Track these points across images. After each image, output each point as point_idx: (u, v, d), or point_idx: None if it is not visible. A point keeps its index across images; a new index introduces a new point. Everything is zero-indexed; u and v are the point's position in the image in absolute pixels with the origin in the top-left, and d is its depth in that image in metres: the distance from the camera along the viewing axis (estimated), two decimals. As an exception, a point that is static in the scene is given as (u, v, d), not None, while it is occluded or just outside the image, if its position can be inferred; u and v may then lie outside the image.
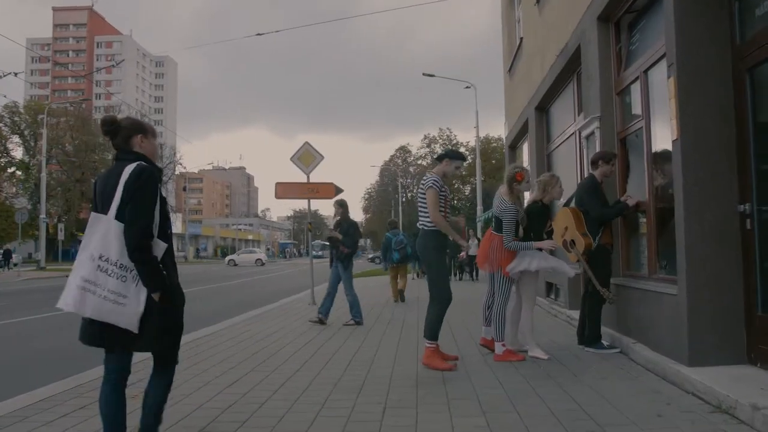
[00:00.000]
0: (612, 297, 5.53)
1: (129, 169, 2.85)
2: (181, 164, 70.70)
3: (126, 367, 3.01)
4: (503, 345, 5.56)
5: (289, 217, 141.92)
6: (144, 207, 2.81)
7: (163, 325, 2.89)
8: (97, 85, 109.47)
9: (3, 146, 59.42)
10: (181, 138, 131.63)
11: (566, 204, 6.20)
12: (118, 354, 2.96)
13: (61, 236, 47.68)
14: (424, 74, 31.98)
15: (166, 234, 2.96)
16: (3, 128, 59.00)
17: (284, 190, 12.24)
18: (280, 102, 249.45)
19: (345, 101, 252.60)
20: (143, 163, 2.92)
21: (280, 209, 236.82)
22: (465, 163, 6.53)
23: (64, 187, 59.50)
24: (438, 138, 66.74)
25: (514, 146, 14.33)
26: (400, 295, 12.45)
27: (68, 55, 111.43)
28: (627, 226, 6.13)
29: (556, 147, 9.78)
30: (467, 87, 31.66)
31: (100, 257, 2.80)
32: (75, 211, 60.27)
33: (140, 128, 3.06)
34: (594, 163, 5.84)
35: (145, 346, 2.91)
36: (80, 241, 2.90)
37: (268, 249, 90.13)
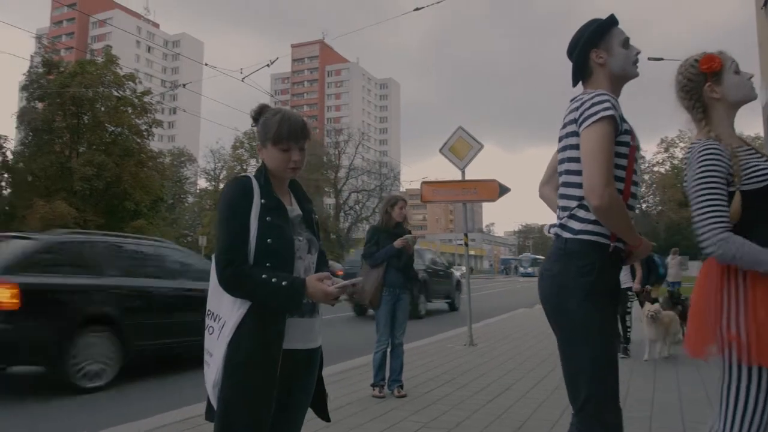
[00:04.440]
0: None
1: None
2: (398, 182, 71.86)
3: None
4: None
5: (515, 232, 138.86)
6: (219, 226, 2.05)
7: (226, 394, 1.95)
8: (328, 111, 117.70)
9: (243, 169, 65.68)
10: (404, 165, 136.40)
11: None
12: None
13: (286, 252, 50.67)
14: (649, 59, 26.89)
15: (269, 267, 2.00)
16: (243, 153, 65.19)
17: (432, 192, 9.36)
18: (505, 116, 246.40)
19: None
20: (239, 176, 2.16)
21: (506, 224, 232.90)
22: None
23: (291, 205, 63.92)
24: (678, 141, 57.56)
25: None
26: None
27: (303, 86, 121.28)
28: None
29: None
30: (708, 69, 25.89)
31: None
32: (299, 228, 64.23)
33: (262, 135, 2.17)
34: None
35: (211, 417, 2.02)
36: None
37: (490, 264, 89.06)
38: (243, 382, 1.95)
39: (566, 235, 2.09)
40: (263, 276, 1.97)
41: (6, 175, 37.75)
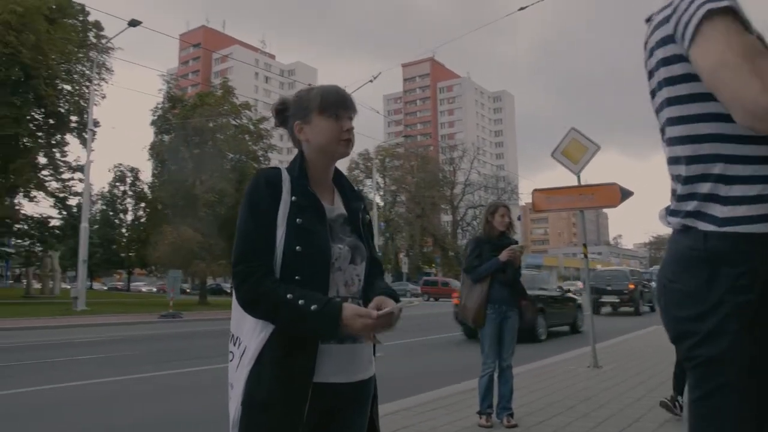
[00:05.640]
0: None
1: None
2: (516, 194, 70.40)
3: None
4: None
5: (646, 244, 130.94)
6: (237, 231, 1.64)
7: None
8: (441, 127, 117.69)
9: (359, 191, 67.18)
10: (522, 177, 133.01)
11: None
12: None
13: (404, 269, 51.13)
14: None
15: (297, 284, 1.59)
16: (359, 174, 66.45)
17: (546, 200, 8.60)
18: (629, 122, 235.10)
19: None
20: (265, 167, 1.81)
21: (635, 235, 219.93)
22: None
23: (406, 221, 64.19)
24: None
25: None
26: None
27: (416, 104, 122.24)
28: None
29: None
30: None
31: None
32: (418, 244, 64.25)
33: (302, 111, 1.73)
34: None
35: None
36: (425, 273, 1.16)
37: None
38: (261, 425, 1.58)
39: (706, 227, 1.28)
40: (288, 296, 1.55)
41: (143, 205, 40.85)
